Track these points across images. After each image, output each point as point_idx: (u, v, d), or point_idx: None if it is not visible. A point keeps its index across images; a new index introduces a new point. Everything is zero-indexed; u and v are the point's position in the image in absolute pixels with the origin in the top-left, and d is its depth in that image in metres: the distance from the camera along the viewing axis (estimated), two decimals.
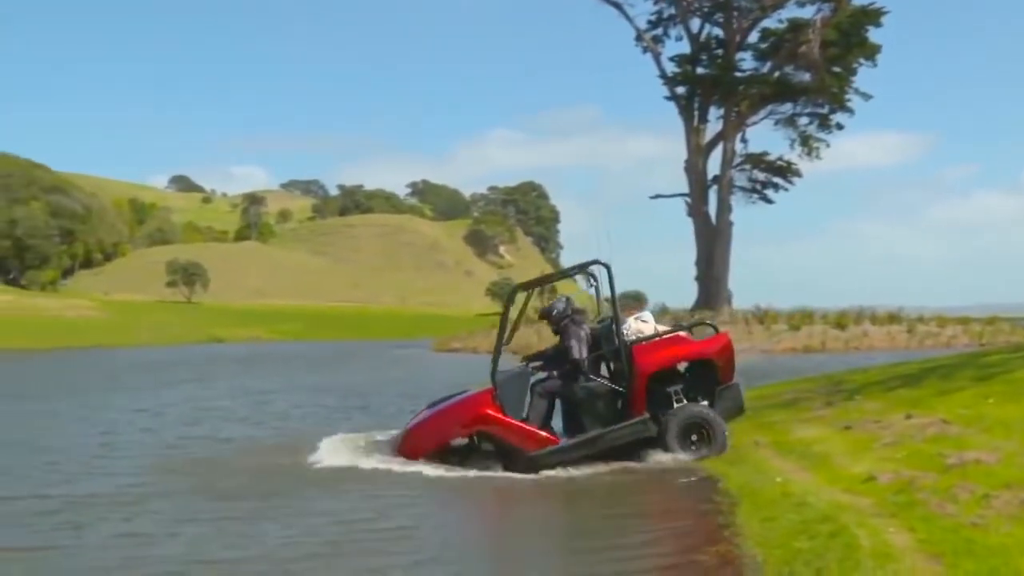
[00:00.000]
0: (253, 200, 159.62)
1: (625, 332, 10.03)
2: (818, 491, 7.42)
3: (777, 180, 50.41)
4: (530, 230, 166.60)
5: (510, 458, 9.74)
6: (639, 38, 49.49)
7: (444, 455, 9.93)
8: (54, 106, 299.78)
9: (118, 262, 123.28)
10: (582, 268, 10.78)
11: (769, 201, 50.54)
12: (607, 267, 10.21)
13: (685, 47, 49.65)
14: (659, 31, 49.67)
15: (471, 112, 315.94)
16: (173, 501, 8.57)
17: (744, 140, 49.57)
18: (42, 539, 7.22)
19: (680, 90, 49.57)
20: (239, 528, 7.44)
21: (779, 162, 49.89)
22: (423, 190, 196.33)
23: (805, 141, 48.90)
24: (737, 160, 49.41)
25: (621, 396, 9.89)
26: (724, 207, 48.98)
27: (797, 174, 49.92)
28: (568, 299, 10.60)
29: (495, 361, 10.07)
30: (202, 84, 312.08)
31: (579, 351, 10.04)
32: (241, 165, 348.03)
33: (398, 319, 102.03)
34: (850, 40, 46.27)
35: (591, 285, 10.89)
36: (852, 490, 7.29)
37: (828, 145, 48.74)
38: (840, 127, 49.21)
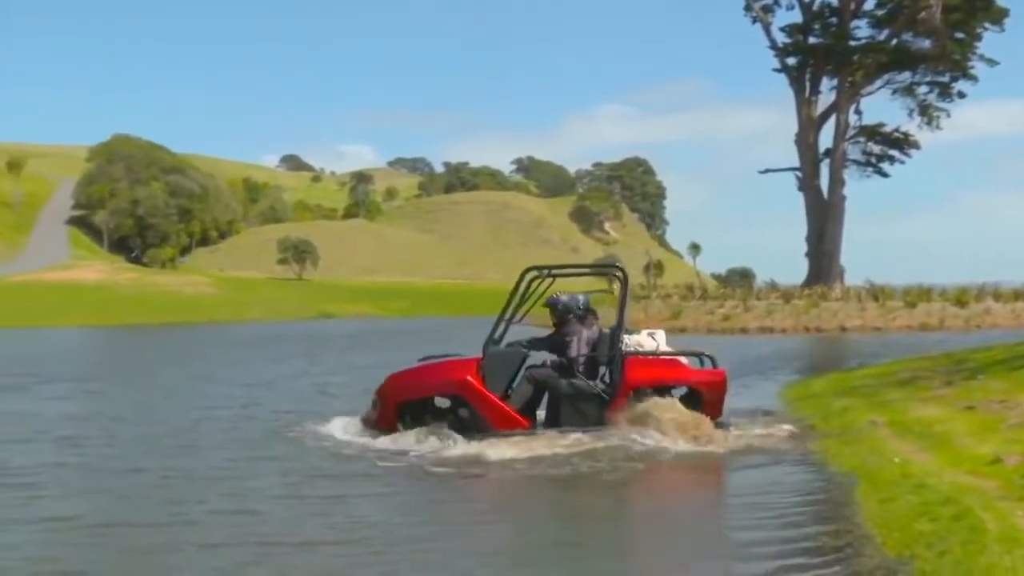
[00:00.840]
0: (361, 178, 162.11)
1: (626, 343, 10.08)
2: (939, 472, 7.17)
3: (893, 152, 48.77)
4: (636, 206, 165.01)
5: (476, 429, 9.81)
6: (748, 8, 48.37)
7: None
8: (173, 89, 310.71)
9: (232, 240, 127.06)
10: (601, 270, 10.91)
11: (884, 175, 48.95)
12: (624, 273, 10.47)
13: (796, 16, 48.37)
14: (769, 0, 48.44)
15: (576, 88, 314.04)
16: (271, 478, 8.62)
17: (858, 111, 48.13)
18: (142, 514, 7.27)
19: (791, 61, 48.35)
20: (341, 508, 7.50)
21: (896, 134, 48.24)
22: (528, 167, 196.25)
23: (924, 111, 47.16)
24: (851, 132, 47.98)
25: (604, 403, 9.90)
26: (836, 181, 47.67)
27: (915, 146, 48.21)
28: (580, 297, 10.65)
29: (491, 334, 10.29)
30: (312, 65, 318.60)
31: (576, 348, 10.14)
32: (349, 144, 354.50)
33: (504, 296, 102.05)
34: (974, 4, 44.27)
35: (610, 289, 11.08)
36: (976, 472, 7.02)
37: (949, 115, 46.90)
38: (962, 95, 47.31)
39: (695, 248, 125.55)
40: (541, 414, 10.59)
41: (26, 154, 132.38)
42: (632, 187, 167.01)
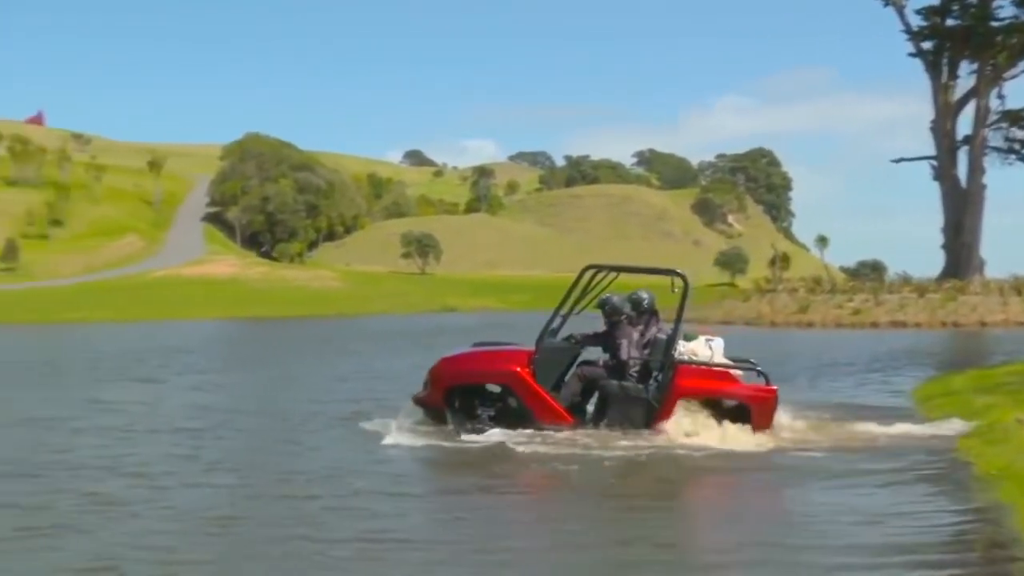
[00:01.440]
0: (482, 173, 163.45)
1: (681, 350, 9.94)
2: None
3: None
4: (760, 198, 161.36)
5: (521, 420, 9.83)
6: None
7: None
8: (302, 88, 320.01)
9: (357, 235, 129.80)
10: (660, 273, 10.71)
11: None
12: (684, 279, 10.29)
13: None
14: None
15: (697, 79, 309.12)
16: (382, 474, 8.56)
17: (1001, 96, 45.88)
18: (257, 509, 7.14)
19: (927, 45, 46.37)
20: (452, 505, 7.47)
21: None
22: (649, 159, 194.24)
23: None
24: (992, 118, 45.75)
25: (652, 408, 9.79)
26: (976, 169, 45.52)
27: None
28: (645, 296, 10.49)
29: (546, 327, 10.26)
30: (434, 62, 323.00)
31: (626, 351, 10.03)
32: (471, 139, 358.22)
33: (626, 289, 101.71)
34: None
35: (673, 291, 10.52)
36: None
37: None
38: None
39: (823, 240, 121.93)
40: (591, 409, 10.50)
41: (165, 154, 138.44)
42: (756, 179, 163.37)
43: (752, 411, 9.82)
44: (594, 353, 10.58)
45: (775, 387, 10.03)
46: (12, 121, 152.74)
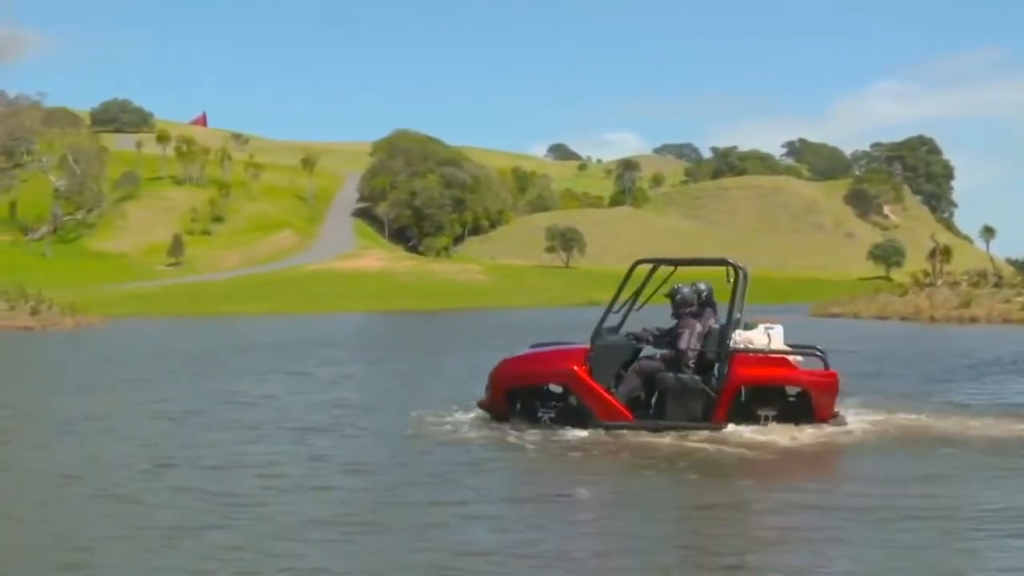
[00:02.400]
0: (627, 166, 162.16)
1: (736, 339, 9.83)
2: None
3: None
4: (919, 188, 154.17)
5: (581, 417, 9.92)
6: None
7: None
8: (449, 85, 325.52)
9: (502, 229, 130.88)
10: (715, 264, 10.55)
11: None
12: (741, 270, 10.12)
13: None
14: None
15: (850, 65, 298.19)
16: (519, 481, 8.40)
17: None
18: (382, 515, 6.83)
19: None
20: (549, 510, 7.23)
21: None
22: (800, 149, 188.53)
23: None
24: None
25: (709, 399, 9.73)
26: None
27: None
28: (703, 286, 10.42)
29: (599, 324, 10.21)
30: (577, 56, 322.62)
31: (687, 342, 10.01)
32: (615, 131, 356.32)
33: (774, 283, 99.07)
34: None
35: (729, 282, 10.21)
36: None
37: None
38: None
39: (988, 231, 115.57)
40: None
41: (318, 152, 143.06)
42: (915, 168, 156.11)
43: (812, 397, 9.69)
44: (652, 350, 10.53)
45: (835, 371, 9.82)
46: (178, 123, 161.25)
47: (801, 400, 9.80)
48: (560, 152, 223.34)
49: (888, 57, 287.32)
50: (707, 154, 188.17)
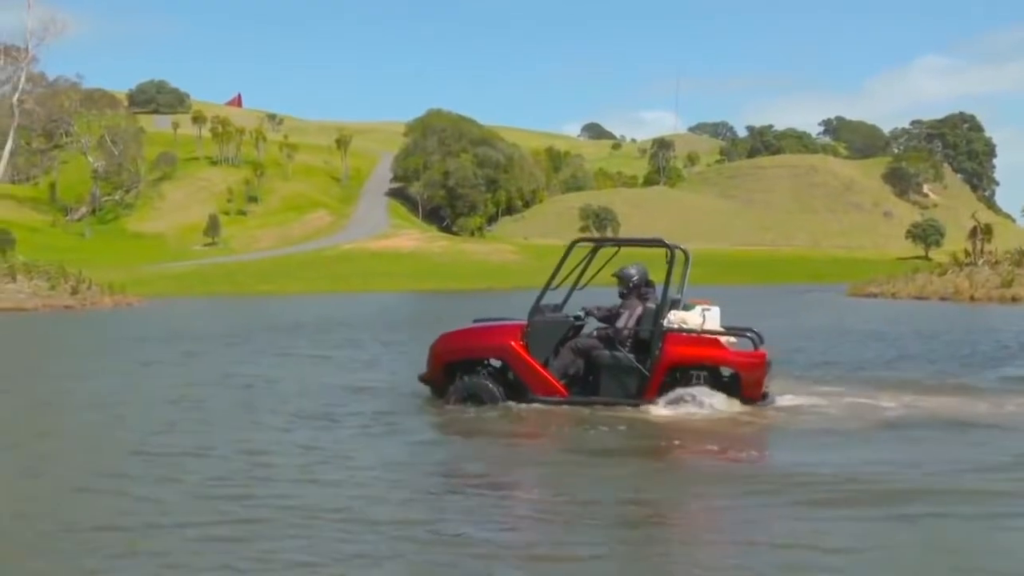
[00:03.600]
0: (661, 145, 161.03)
1: (671, 319, 10.08)
2: None
3: None
4: (960, 166, 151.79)
5: (516, 392, 10.20)
6: None
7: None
8: (482, 64, 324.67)
9: (536, 208, 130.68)
10: (651, 245, 10.69)
11: None
12: (673, 251, 10.36)
13: None
14: None
15: (890, 41, 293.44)
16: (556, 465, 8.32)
17: None
18: (409, 511, 6.38)
19: None
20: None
21: None
22: (837, 127, 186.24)
23: None
24: None
25: (643, 377, 9.97)
26: None
27: None
28: (643, 270, 10.62)
29: (536, 301, 10.50)
30: (611, 34, 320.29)
31: (624, 321, 10.24)
32: (650, 110, 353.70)
33: (810, 263, 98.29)
34: None
35: (668, 261, 10.47)
36: None
37: None
38: None
39: None
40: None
41: (352, 132, 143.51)
42: (956, 145, 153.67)
43: (741, 377, 9.88)
44: (592, 328, 10.75)
45: (764, 352, 10.04)
46: (214, 104, 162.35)
47: (732, 379, 10.00)
48: (594, 131, 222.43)
49: (929, 32, 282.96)
50: (742, 133, 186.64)
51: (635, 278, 10.51)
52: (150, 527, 5.80)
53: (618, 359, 10.13)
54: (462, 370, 10.49)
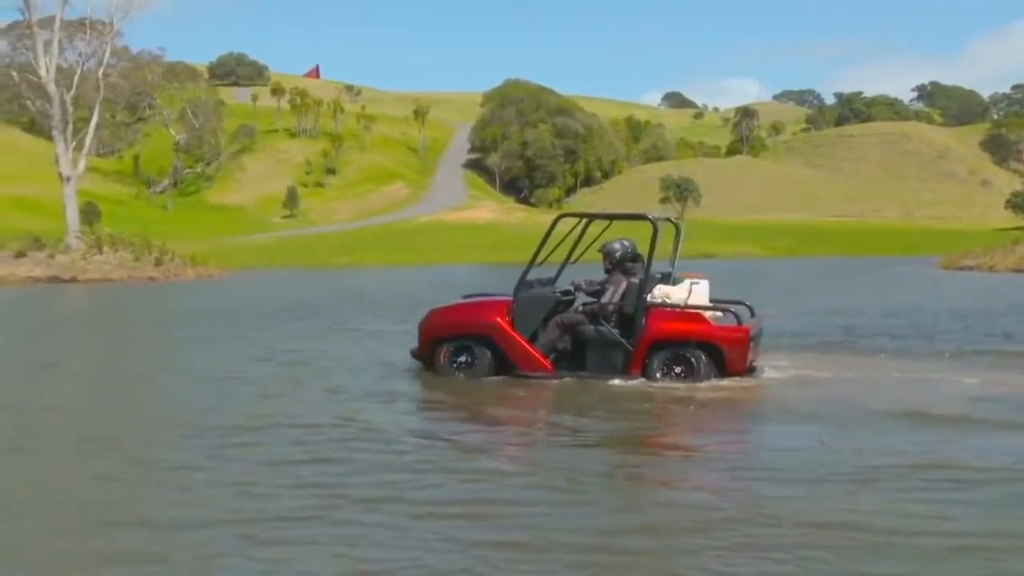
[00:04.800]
0: (745, 113, 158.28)
1: (655, 294, 10.19)
2: None
3: None
4: None
5: (503, 366, 10.43)
6: None
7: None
8: (561, 33, 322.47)
9: (615, 179, 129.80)
10: (634, 218, 10.82)
11: None
12: (655, 223, 10.37)
13: None
14: None
15: (989, 1, 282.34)
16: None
17: None
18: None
19: None
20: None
21: None
22: (931, 93, 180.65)
23: None
24: None
25: (628, 352, 10.08)
26: None
27: None
28: (629, 245, 10.70)
29: (522, 277, 10.62)
30: (694, 0, 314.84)
31: (609, 296, 10.35)
32: (733, 78, 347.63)
33: (900, 234, 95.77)
34: None
35: (653, 235, 10.41)
36: None
37: None
38: None
39: None
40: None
41: (429, 102, 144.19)
42: None
43: (724, 352, 9.97)
44: (580, 304, 10.91)
45: (747, 327, 10.09)
46: (292, 76, 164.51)
47: (714, 354, 10.05)
48: (675, 100, 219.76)
49: None
50: (830, 100, 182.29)
51: (618, 253, 10.58)
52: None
53: (603, 334, 10.26)
54: (450, 347, 10.68)
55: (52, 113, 45.83)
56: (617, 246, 10.61)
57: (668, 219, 11.12)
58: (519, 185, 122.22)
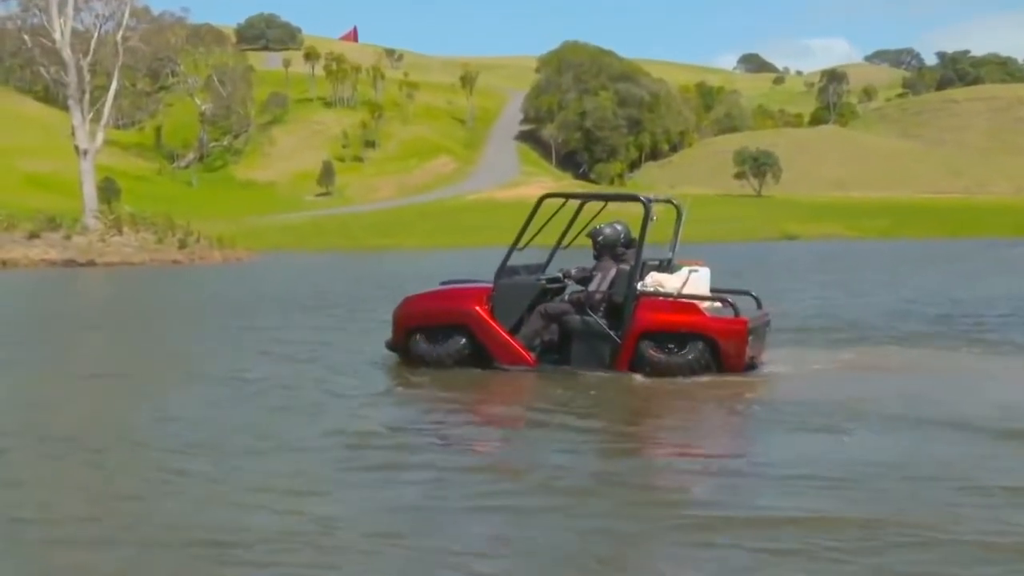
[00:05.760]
0: (832, 77, 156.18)
1: (647, 282, 10.24)
2: None
3: None
4: None
5: (482, 357, 10.53)
6: None
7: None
8: None
9: (684, 152, 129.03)
10: (624, 199, 11.20)
11: None
12: (645, 204, 10.50)
13: None
14: None
15: None
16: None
17: None
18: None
19: None
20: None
21: None
22: None
23: None
24: None
25: (615, 345, 10.14)
26: None
27: None
28: (622, 229, 10.74)
29: (503, 263, 10.64)
30: None
31: (596, 284, 10.42)
32: (818, 37, 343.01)
33: (1012, 212, 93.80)
34: None
35: (653, 218, 10.62)
36: None
37: None
38: None
39: None
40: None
41: (478, 68, 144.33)
42: None
43: (719, 346, 9.98)
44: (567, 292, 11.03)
45: (745, 319, 10.10)
46: (327, 39, 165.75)
47: (711, 348, 10.10)
48: (753, 63, 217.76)
49: None
50: (931, 61, 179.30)
51: (603, 237, 10.65)
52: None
53: (589, 325, 10.29)
54: (426, 336, 10.77)
55: (67, 81, 46.67)
56: (608, 230, 10.67)
57: (668, 200, 11.28)
58: (577, 159, 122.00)
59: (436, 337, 10.72)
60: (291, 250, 58.48)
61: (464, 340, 10.60)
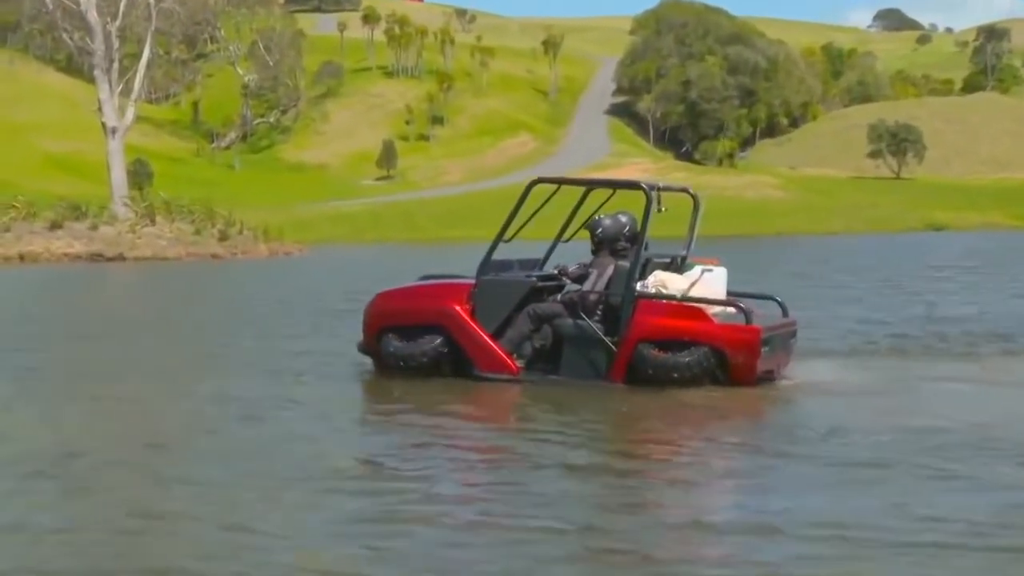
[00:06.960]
0: (991, 34, 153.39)
1: (648, 282, 10.29)
2: None
3: None
4: None
5: (460, 361, 10.63)
6: None
7: None
8: None
9: (807, 127, 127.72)
10: (625, 186, 11.07)
11: None
12: (647, 193, 10.46)
13: None
14: None
15: None
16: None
17: None
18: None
19: None
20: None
21: None
22: None
23: None
24: None
25: (610, 352, 10.17)
26: None
27: None
28: (626, 221, 10.69)
29: (487, 256, 10.71)
30: None
31: (591, 284, 10.44)
32: None
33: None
34: None
35: (660, 209, 10.53)
36: None
37: None
38: None
39: None
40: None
41: (563, 30, 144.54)
42: None
43: (727, 356, 10.00)
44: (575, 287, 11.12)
45: (758, 328, 10.04)
46: None
47: (719, 360, 10.10)
48: (891, 20, 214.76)
49: None
50: None
51: (601, 230, 10.62)
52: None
53: (582, 329, 10.30)
54: (401, 336, 10.84)
55: (94, 49, 47.57)
56: (608, 222, 10.62)
57: (684, 190, 11.34)
58: (679, 137, 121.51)
59: (410, 338, 10.80)
60: (346, 243, 59.17)
61: (440, 342, 10.66)
